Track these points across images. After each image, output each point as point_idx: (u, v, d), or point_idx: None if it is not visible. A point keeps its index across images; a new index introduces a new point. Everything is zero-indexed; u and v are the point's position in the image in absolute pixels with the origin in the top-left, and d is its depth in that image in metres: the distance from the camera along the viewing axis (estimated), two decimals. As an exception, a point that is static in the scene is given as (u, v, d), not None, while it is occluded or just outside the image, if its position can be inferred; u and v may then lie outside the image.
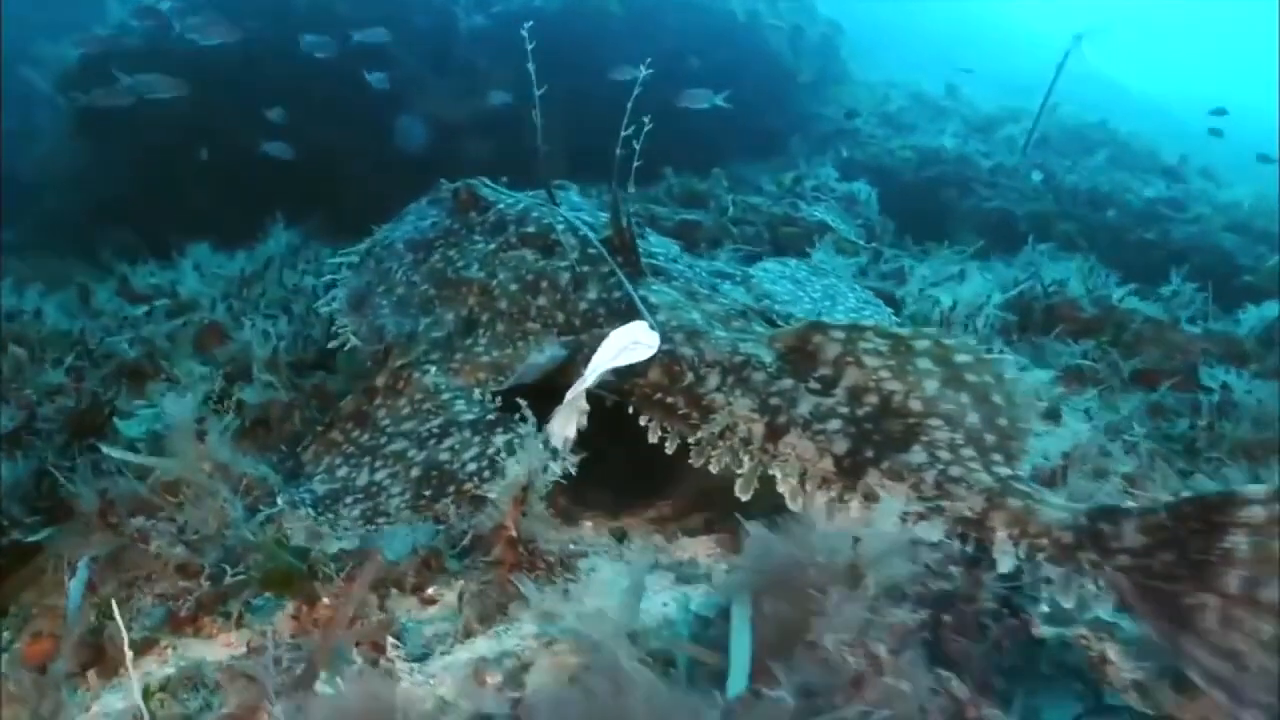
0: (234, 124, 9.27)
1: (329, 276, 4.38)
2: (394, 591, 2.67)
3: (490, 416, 3.06)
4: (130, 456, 3.13)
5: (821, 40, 12.05)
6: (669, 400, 3.03)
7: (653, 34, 10.19)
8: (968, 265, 6.22)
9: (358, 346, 3.71)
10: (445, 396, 3.18)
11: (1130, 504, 2.40)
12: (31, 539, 2.89)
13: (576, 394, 3.00)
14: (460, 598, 2.60)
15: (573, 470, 2.74)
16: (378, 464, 3.05)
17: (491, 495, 2.72)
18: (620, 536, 3.08)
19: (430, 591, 2.66)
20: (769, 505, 2.70)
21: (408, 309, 3.68)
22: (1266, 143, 11.34)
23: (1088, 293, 5.71)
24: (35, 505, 3.13)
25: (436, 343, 3.44)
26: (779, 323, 3.45)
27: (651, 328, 3.05)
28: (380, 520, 2.86)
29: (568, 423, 3.02)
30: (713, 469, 2.89)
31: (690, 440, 2.97)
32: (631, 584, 2.39)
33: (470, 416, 3.07)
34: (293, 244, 6.61)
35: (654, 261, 3.69)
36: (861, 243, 7.48)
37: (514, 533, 2.68)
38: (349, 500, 2.97)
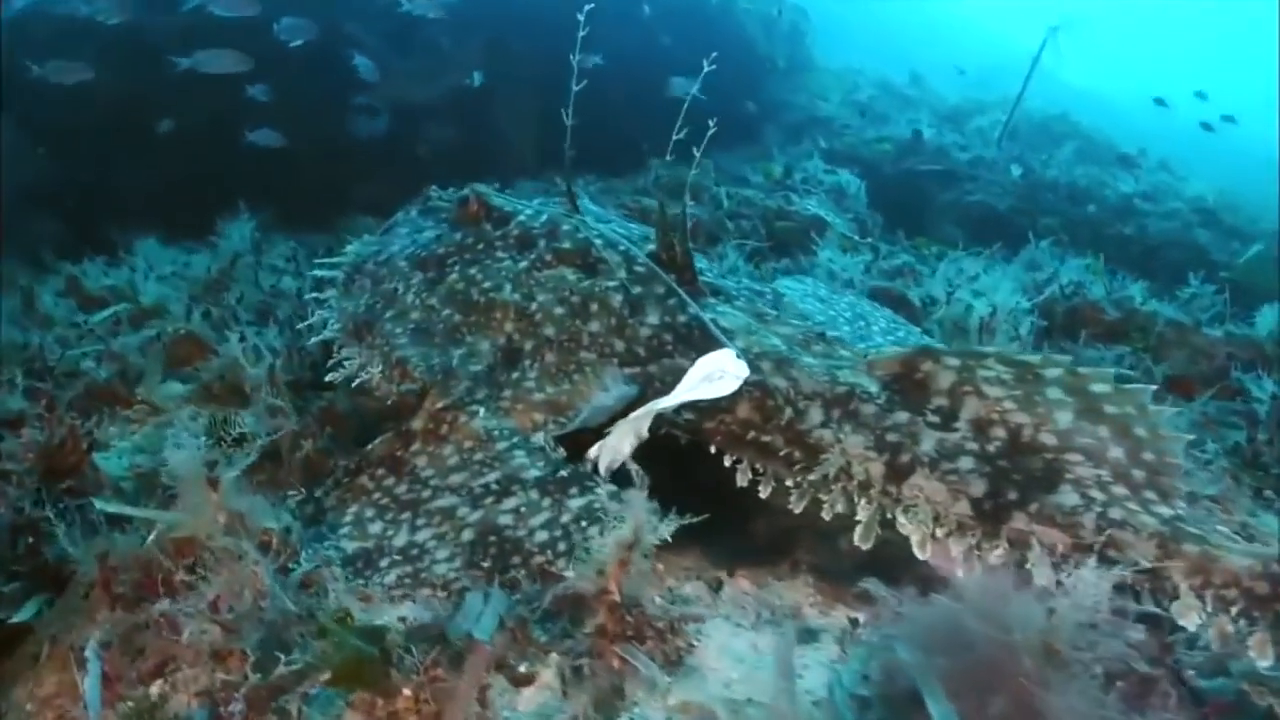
0: (177, 106, 8.50)
1: (313, 295, 3.84)
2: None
3: (562, 473, 2.66)
4: (130, 511, 2.65)
5: (790, 27, 11.79)
6: (764, 439, 2.69)
7: (629, 17, 9.76)
8: (982, 265, 6.02)
9: (371, 383, 3.21)
10: (501, 446, 2.76)
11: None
12: (17, 619, 2.38)
13: (641, 416, 2.65)
14: (562, 678, 2.22)
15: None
16: (419, 521, 2.64)
17: (569, 575, 2.35)
18: (716, 586, 2.73)
19: (522, 670, 2.27)
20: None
21: (429, 338, 3.19)
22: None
23: (1107, 294, 5.58)
24: (12, 569, 2.61)
25: (478, 378, 3.00)
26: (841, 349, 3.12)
27: (738, 356, 2.70)
28: (423, 591, 2.46)
29: (622, 443, 2.67)
30: (825, 515, 2.57)
31: (791, 483, 2.65)
32: (780, 661, 2.06)
33: (536, 472, 2.67)
34: (254, 238, 6.01)
35: (708, 279, 3.33)
36: (856, 238, 7.28)
37: (618, 597, 2.31)
38: (384, 563, 2.56)
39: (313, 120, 9.31)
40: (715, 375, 2.65)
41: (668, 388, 2.80)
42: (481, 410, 2.86)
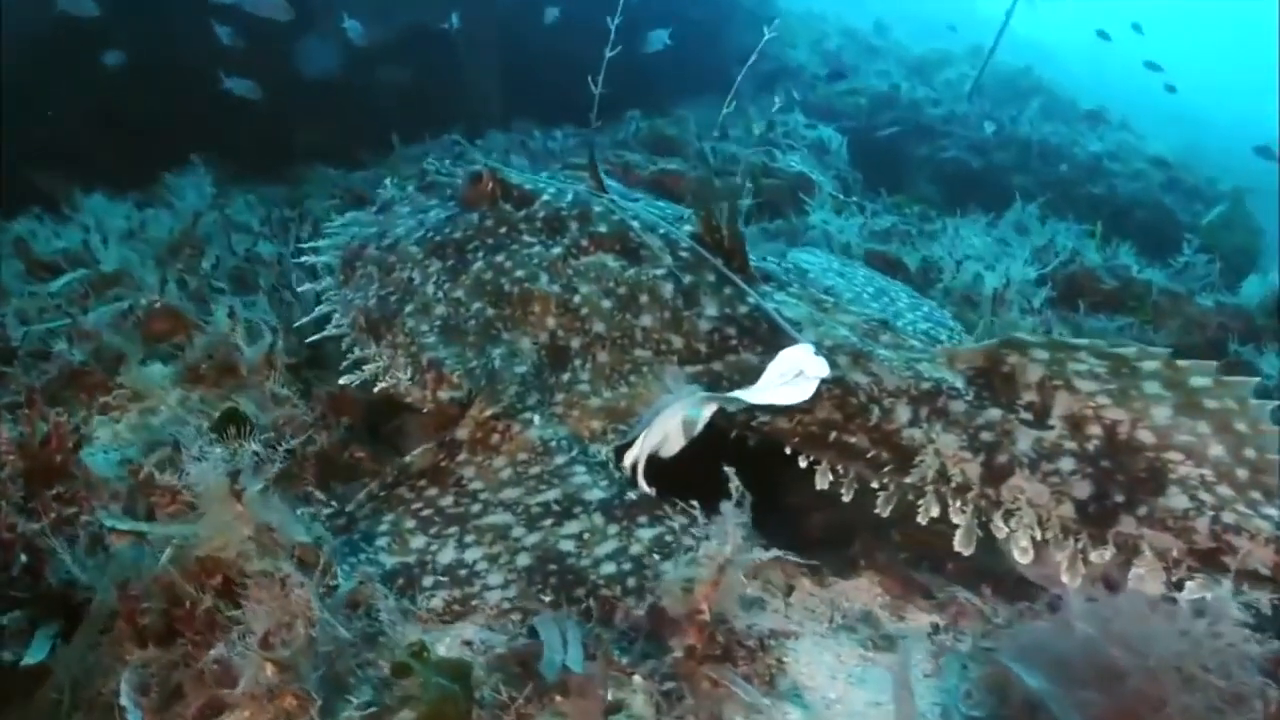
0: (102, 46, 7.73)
1: (308, 287, 3.48)
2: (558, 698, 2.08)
3: (630, 496, 2.41)
4: (146, 528, 2.35)
5: (754, -31, 11.39)
6: (847, 439, 2.52)
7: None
8: (978, 230, 5.93)
9: (397, 388, 2.91)
10: (559, 460, 2.51)
11: None
12: (29, 660, 2.07)
13: (695, 407, 2.43)
14: (656, 706, 2.04)
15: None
16: (468, 539, 2.39)
17: (640, 614, 2.16)
18: (787, 592, 2.58)
19: (609, 697, 2.08)
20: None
21: (461, 335, 2.88)
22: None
23: (1103, 262, 5.56)
24: (11, 595, 2.29)
25: (525, 381, 2.72)
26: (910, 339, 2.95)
27: (816, 353, 2.51)
28: (474, 618, 2.24)
29: (672, 439, 2.46)
30: (921, 520, 2.43)
31: (878, 485, 2.50)
32: (900, 685, 1.92)
33: (600, 493, 2.42)
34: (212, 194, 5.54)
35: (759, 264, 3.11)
36: (842, 197, 7.13)
37: (708, 617, 2.14)
38: (428, 582, 2.32)
39: (255, 56, 8.61)
40: (793, 375, 2.46)
41: (734, 386, 2.60)
42: (536, 418, 2.60)
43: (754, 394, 2.42)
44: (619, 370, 2.70)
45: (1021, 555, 2.36)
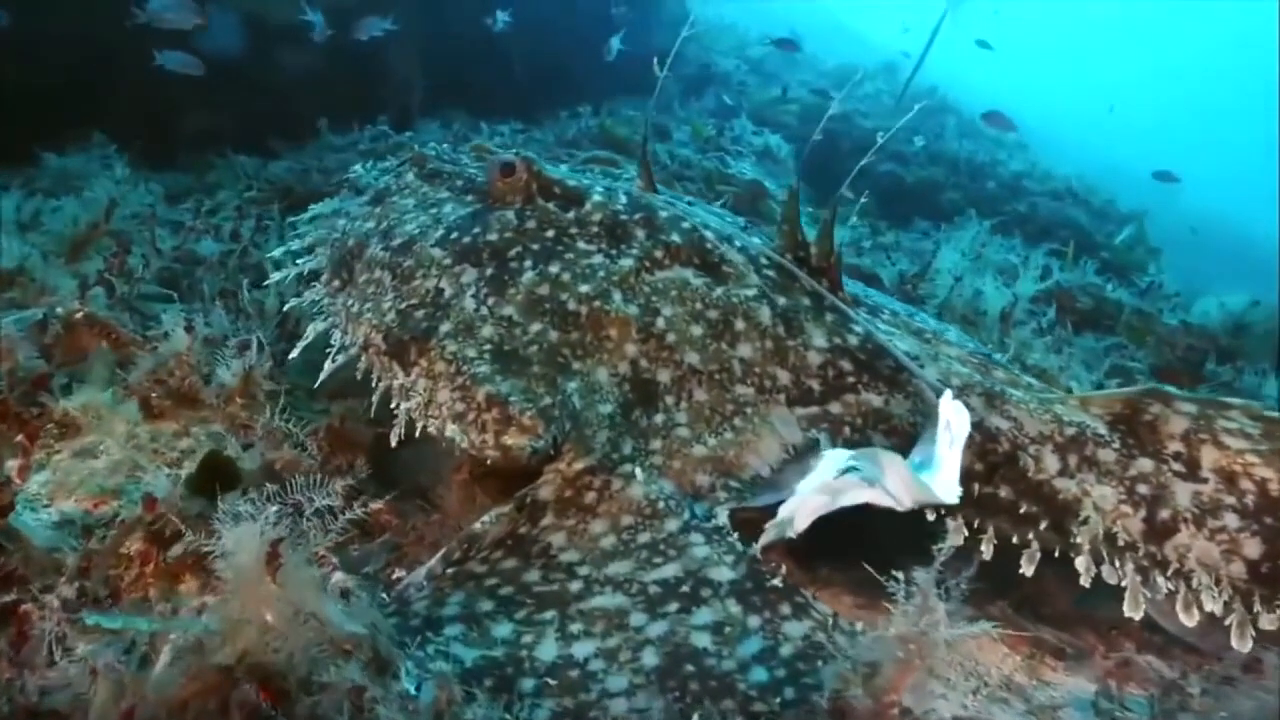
0: None
1: (298, 300, 2.90)
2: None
3: (772, 582, 1.94)
4: (143, 624, 1.77)
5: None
6: (989, 491, 2.22)
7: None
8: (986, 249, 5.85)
9: (443, 432, 2.35)
10: (671, 526, 2.05)
11: None
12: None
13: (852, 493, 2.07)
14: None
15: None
16: (572, 627, 1.90)
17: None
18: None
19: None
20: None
21: (523, 364, 2.35)
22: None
23: (1080, 282, 5.59)
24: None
25: (615, 424, 2.26)
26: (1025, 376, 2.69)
27: (954, 398, 2.20)
28: None
29: (803, 518, 2.11)
30: (1084, 582, 2.15)
31: (1018, 540, 2.21)
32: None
33: (729, 572, 1.96)
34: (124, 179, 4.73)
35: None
36: (811, 209, 6.95)
37: (899, 710, 1.78)
38: (529, 687, 1.81)
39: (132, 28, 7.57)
40: (945, 432, 2.11)
41: (859, 433, 2.25)
42: (637, 471, 2.15)
43: (940, 479, 2.01)
44: (719, 411, 2.29)
45: (1186, 617, 2.13)
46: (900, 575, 1.78)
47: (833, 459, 2.02)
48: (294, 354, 2.72)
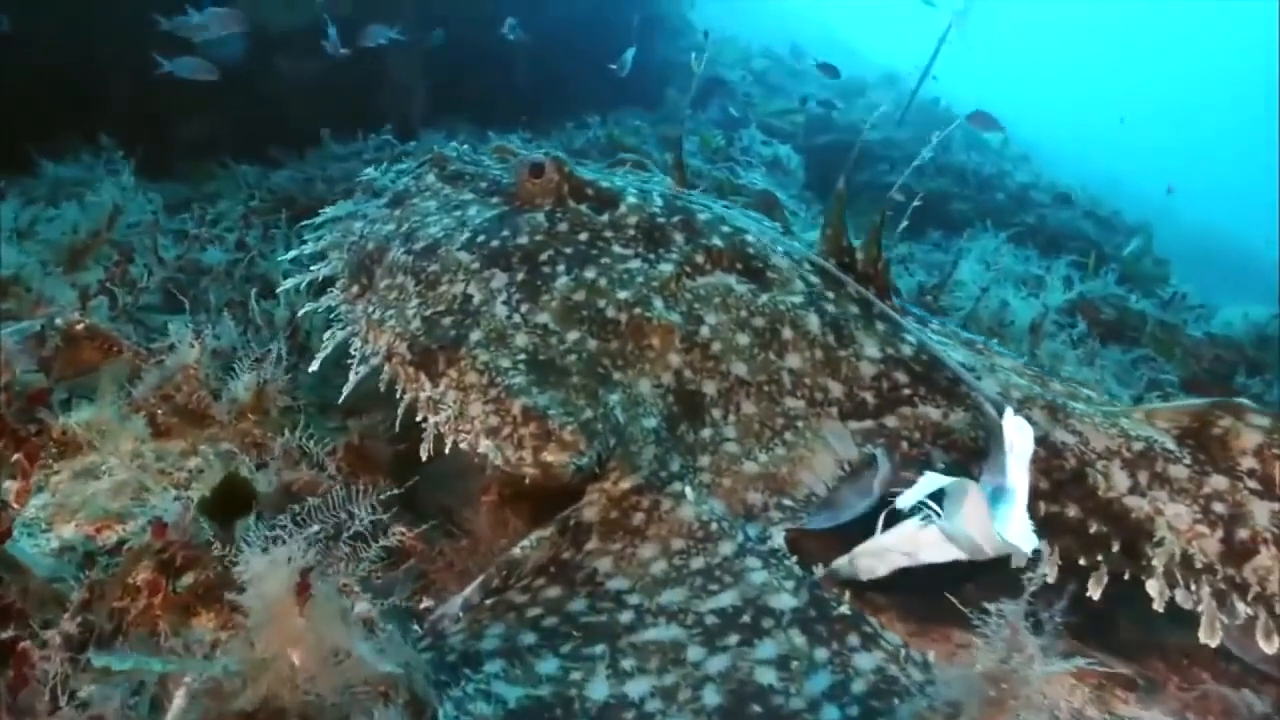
0: None
1: (313, 305, 2.76)
2: None
3: (839, 610, 1.79)
4: (156, 664, 1.62)
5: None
6: (1054, 510, 2.08)
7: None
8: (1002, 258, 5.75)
9: (476, 447, 2.18)
10: (726, 549, 1.90)
11: None
12: None
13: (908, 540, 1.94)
14: None
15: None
16: (624, 663, 1.74)
17: None
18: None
19: None
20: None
21: (561, 375, 2.20)
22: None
23: (1103, 293, 5.49)
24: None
25: (661, 440, 2.10)
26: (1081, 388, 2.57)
27: (1015, 413, 2.07)
28: None
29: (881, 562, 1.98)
30: (1158, 606, 2.02)
31: (1086, 562, 2.08)
32: None
33: (790, 600, 1.81)
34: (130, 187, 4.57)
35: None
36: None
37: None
38: None
39: (129, 35, 7.42)
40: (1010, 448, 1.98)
41: (916, 448, 2.12)
42: (688, 490, 2.00)
43: (1015, 528, 1.87)
44: (769, 425, 2.15)
45: (1269, 645, 2.00)
46: (988, 606, 1.65)
47: (926, 483, 1.89)
48: (314, 366, 2.57)
